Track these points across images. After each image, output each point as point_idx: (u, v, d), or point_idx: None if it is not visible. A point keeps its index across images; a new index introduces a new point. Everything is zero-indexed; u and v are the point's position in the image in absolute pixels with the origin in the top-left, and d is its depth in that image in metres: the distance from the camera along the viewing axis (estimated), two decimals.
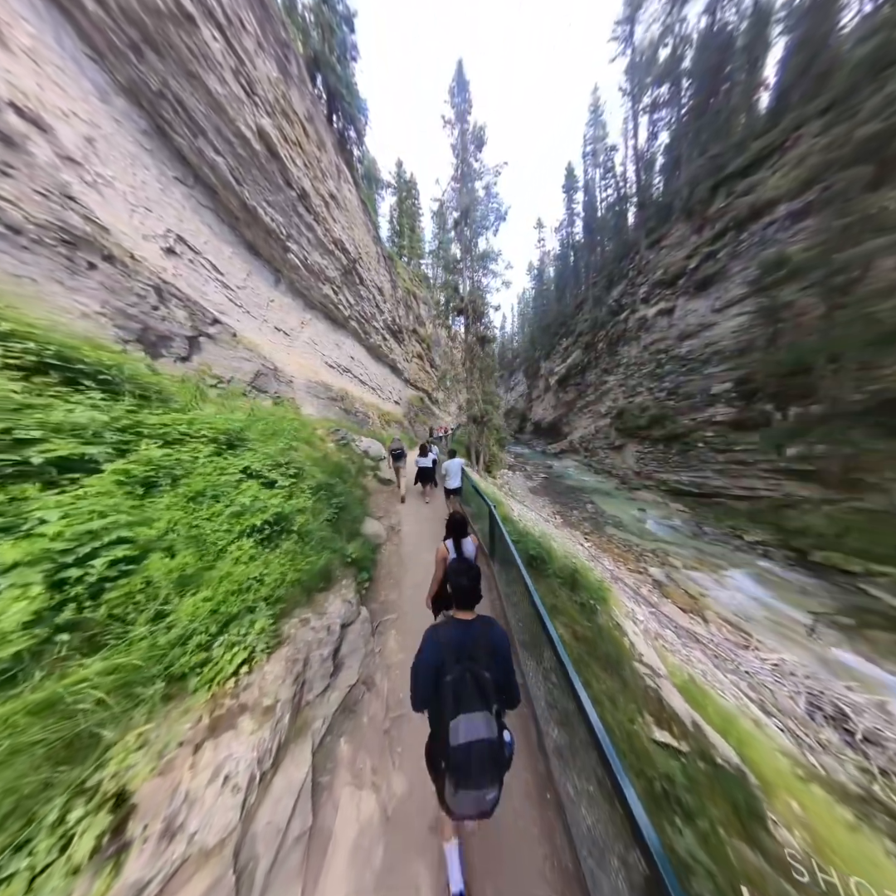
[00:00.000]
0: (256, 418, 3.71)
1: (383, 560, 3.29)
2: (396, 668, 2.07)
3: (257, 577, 1.89)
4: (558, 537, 7.80)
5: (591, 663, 2.04)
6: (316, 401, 8.60)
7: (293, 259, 9.90)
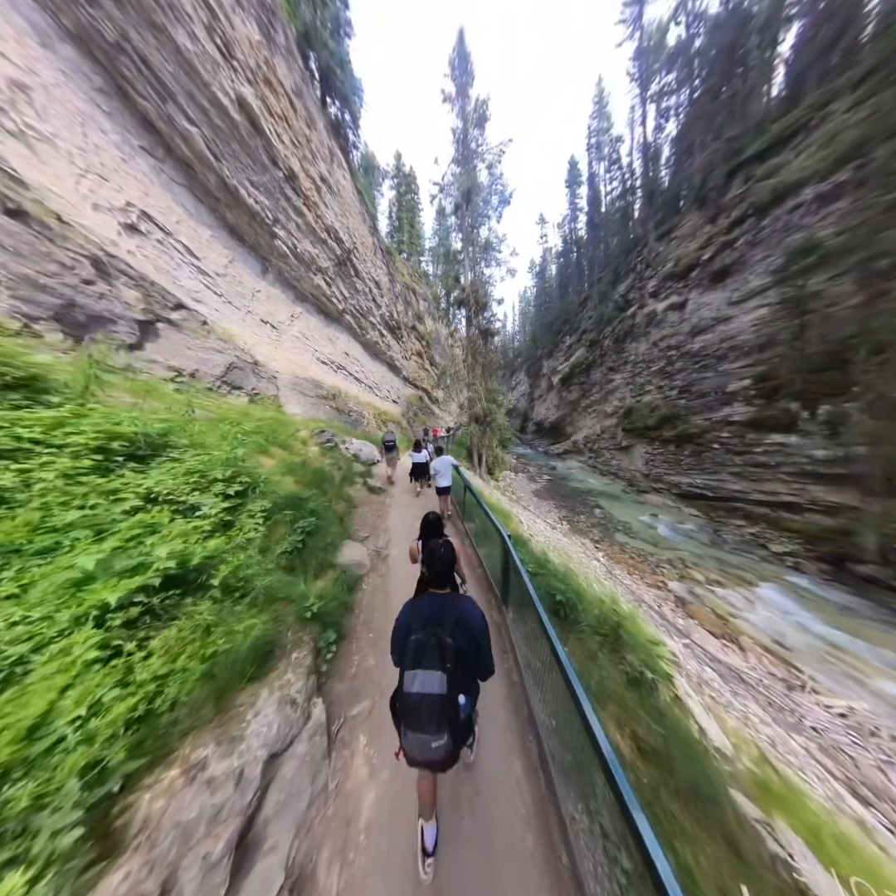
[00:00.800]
0: (190, 419, 2.88)
1: (363, 601, 2.53)
2: (367, 833, 1.23)
3: (85, 715, 0.99)
4: (572, 551, 7.04)
5: (670, 802, 1.28)
6: (303, 399, 7.90)
7: (281, 246, 9.20)
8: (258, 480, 2.53)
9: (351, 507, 4.17)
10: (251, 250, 8.83)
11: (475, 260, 10.62)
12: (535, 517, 10.91)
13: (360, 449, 6.38)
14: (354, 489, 4.81)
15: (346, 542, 3.06)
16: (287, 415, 6.45)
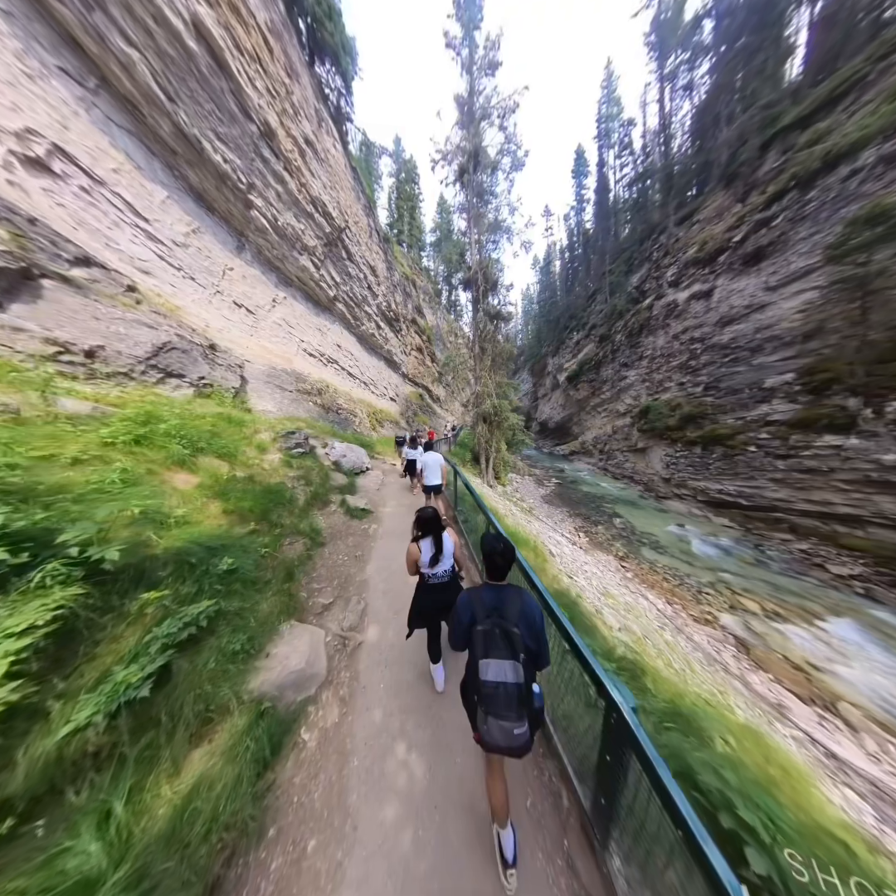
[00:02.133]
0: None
1: (293, 789, 1.23)
2: None
3: None
4: (612, 586, 5.69)
5: None
6: (280, 394, 6.67)
7: (259, 219, 7.94)
8: (102, 529, 1.27)
9: (314, 546, 2.90)
10: (223, 221, 7.57)
11: (483, 232, 9.17)
12: (552, 530, 9.60)
13: (343, 455, 5.13)
14: (327, 513, 3.56)
15: (284, 626, 1.78)
16: (254, 412, 5.21)
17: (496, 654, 1.05)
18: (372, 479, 5.37)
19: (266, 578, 2.03)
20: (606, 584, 5.80)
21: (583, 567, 6.64)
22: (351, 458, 5.24)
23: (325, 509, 3.62)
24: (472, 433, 11.13)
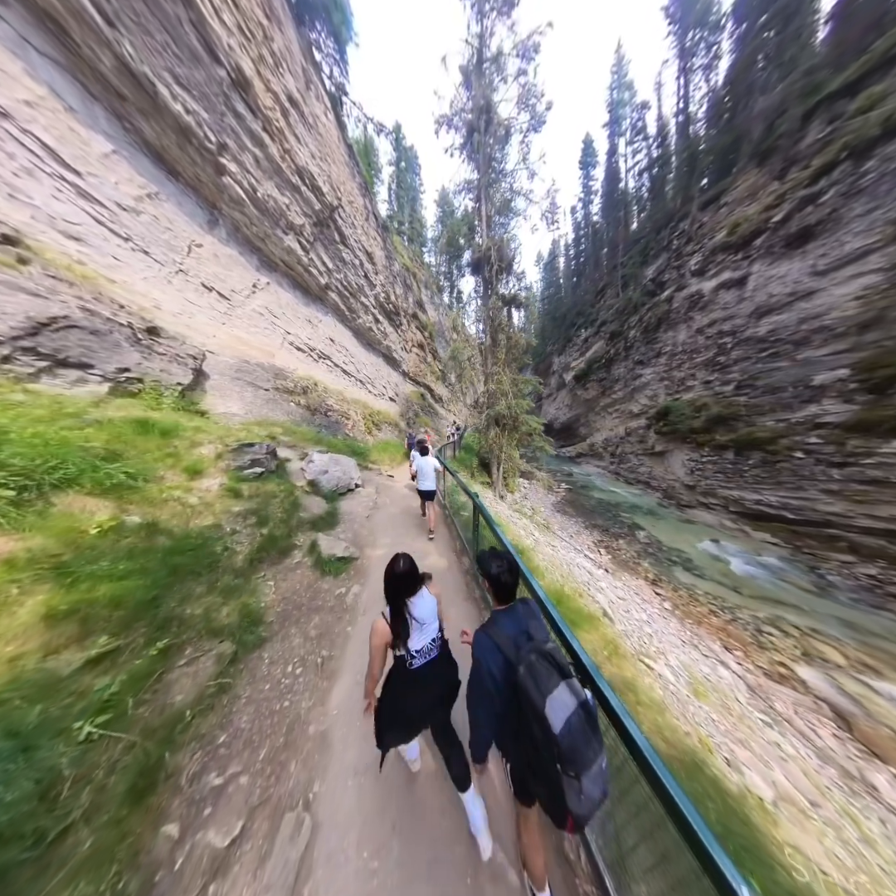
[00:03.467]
0: None
1: None
2: None
3: None
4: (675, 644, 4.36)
5: None
6: (252, 392, 5.51)
7: (233, 187, 6.79)
8: None
9: (242, 653, 1.70)
10: (189, 189, 6.43)
11: (496, 204, 7.84)
12: (570, 548, 8.37)
13: (323, 470, 3.97)
14: (285, 569, 2.38)
15: None
16: (211, 415, 4.08)
17: (551, 686, 0.82)
18: (361, 500, 4.19)
19: (65, 813, 0.83)
20: (670, 642, 4.52)
21: (627, 605, 5.39)
22: (334, 474, 4.07)
23: (281, 563, 2.43)
24: (479, 436, 9.88)
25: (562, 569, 4.89)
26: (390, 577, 1.16)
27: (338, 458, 4.46)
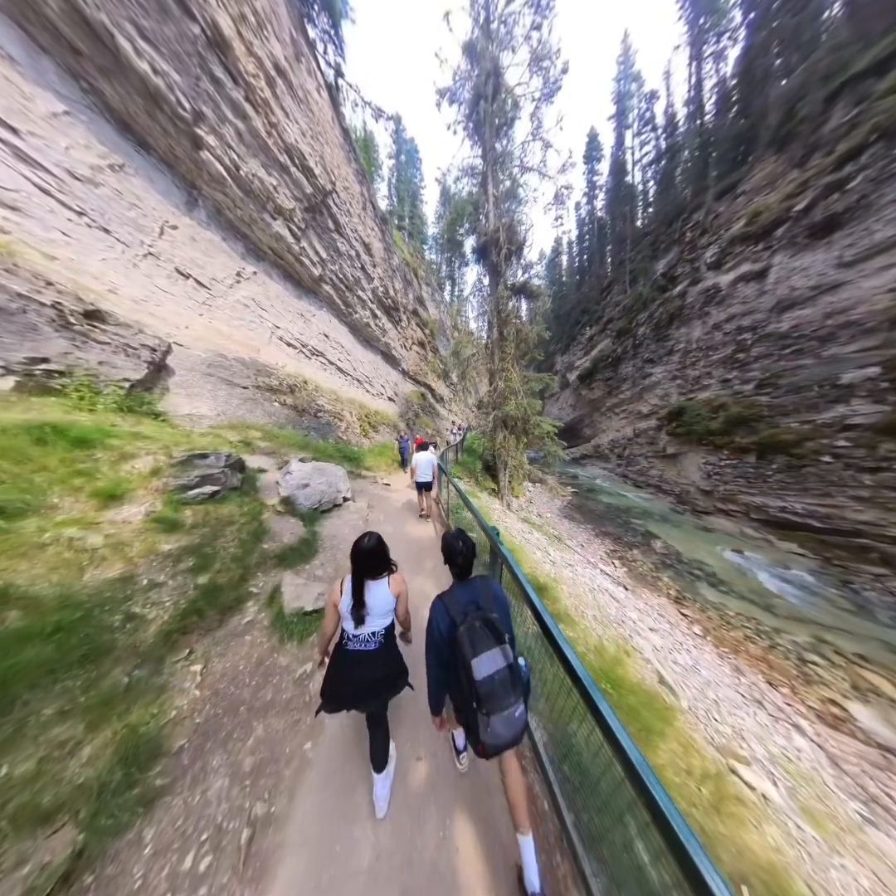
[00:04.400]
0: None
1: None
2: None
3: None
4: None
5: None
6: (225, 390, 4.84)
7: (213, 163, 6.12)
8: None
9: (93, 847, 0.88)
10: (163, 165, 5.76)
11: (503, 182, 6.97)
12: (585, 560, 7.68)
13: (303, 483, 3.30)
14: (229, 634, 1.64)
15: None
16: (169, 417, 3.41)
17: (484, 647, 1.03)
18: (350, 518, 3.50)
19: None
20: (731, 700, 3.74)
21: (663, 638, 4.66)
22: (317, 488, 3.40)
23: (224, 626, 1.69)
24: (484, 439, 9.16)
25: (586, 598, 4.19)
26: (353, 551, 1.25)
27: (323, 468, 3.79)
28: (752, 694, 4.04)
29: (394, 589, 1.32)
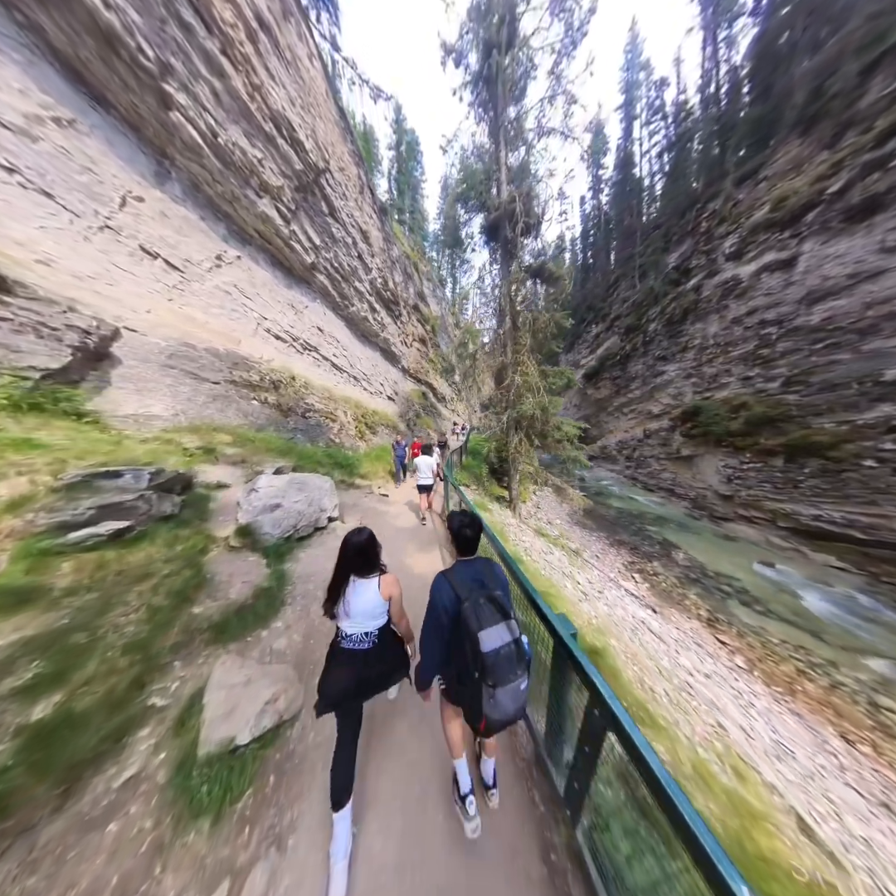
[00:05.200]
0: None
1: None
2: None
3: None
4: None
5: None
6: (190, 385, 4.06)
7: (186, 128, 5.37)
8: None
9: None
10: (127, 126, 5.01)
11: (519, 146, 5.95)
12: (605, 577, 6.88)
13: (273, 504, 2.52)
14: (70, 819, 0.75)
15: None
16: (102, 418, 2.65)
17: (491, 622, 1.04)
18: (334, 546, 2.74)
19: None
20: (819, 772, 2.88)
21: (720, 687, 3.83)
22: (292, 508, 2.62)
23: (73, 800, 0.79)
24: (490, 442, 8.34)
25: (637, 649, 3.38)
26: (343, 544, 1.22)
27: (304, 481, 3.02)
28: (845, 765, 3.17)
29: (384, 592, 1.25)
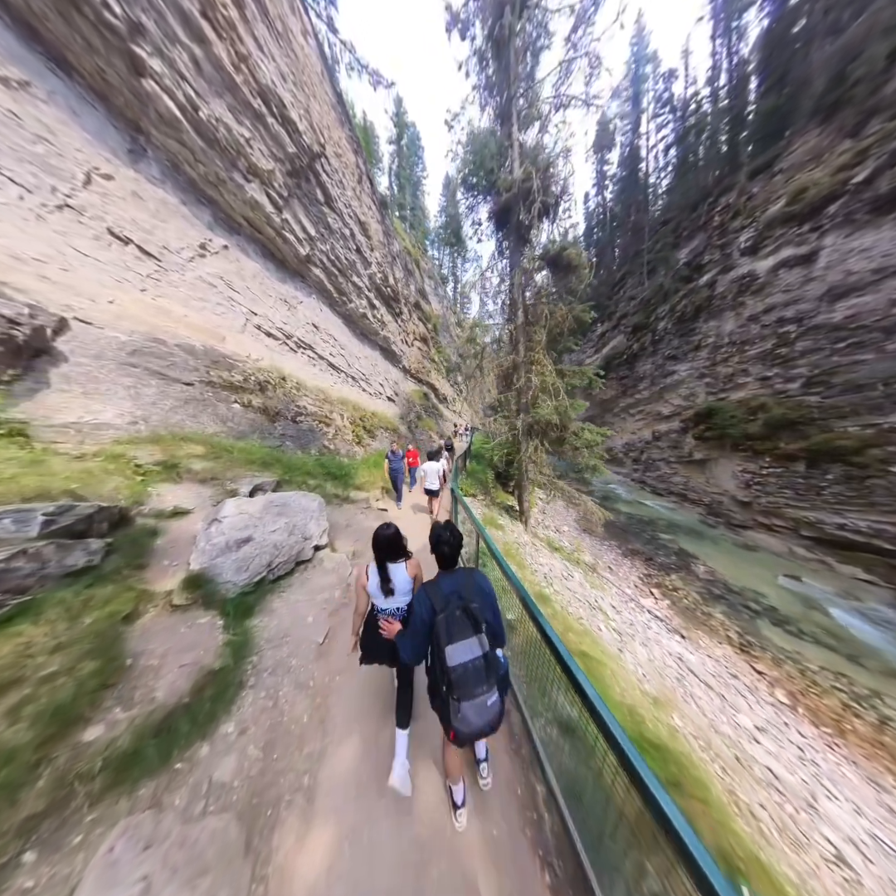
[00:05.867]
0: None
1: None
2: None
3: None
4: None
5: None
6: (157, 387, 3.50)
7: (162, 99, 4.83)
8: None
9: None
10: (94, 95, 4.46)
11: (534, 119, 5.23)
12: (626, 597, 6.34)
13: (241, 537, 1.96)
14: None
15: None
16: (30, 431, 2.11)
17: (460, 636, 1.06)
18: (319, 587, 2.05)
19: None
20: None
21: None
22: (266, 541, 2.05)
23: None
24: (497, 449, 7.78)
25: (689, 709, 2.83)
26: (374, 539, 1.43)
27: (286, 501, 2.46)
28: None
29: (410, 571, 1.49)
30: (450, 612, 1.07)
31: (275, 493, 2.75)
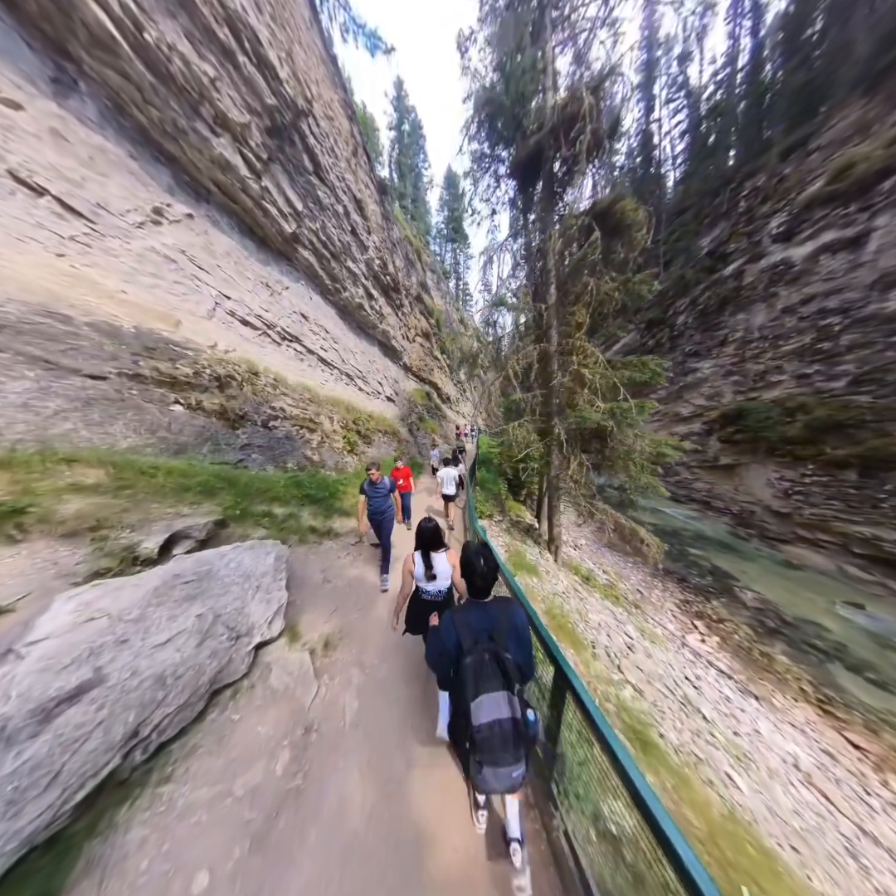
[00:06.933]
0: None
1: None
2: None
3: None
4: None
5: None
6: (29, 380, 2.42)
7: (91, 10, 3.73)
8: None
9: None
10: None
11: (576, 31, 3.81)
12: (684, 659, 5.25)
13: (78, 675, 0.83)
14: None
15: None
16: None
17: (488, 688, 0.95)
18: (245, 767, 1.01)
19: None
20: None
21: None
22: (139, 672, 0.91)
23: None
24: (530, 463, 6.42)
25: None
26: (418, 531, 1.69)
27: (210, 569, 1.32)
28: None
29: (451, 560, 1.70)
30: (478, 654, 0.97)
31: (198, 551, 1.69)
